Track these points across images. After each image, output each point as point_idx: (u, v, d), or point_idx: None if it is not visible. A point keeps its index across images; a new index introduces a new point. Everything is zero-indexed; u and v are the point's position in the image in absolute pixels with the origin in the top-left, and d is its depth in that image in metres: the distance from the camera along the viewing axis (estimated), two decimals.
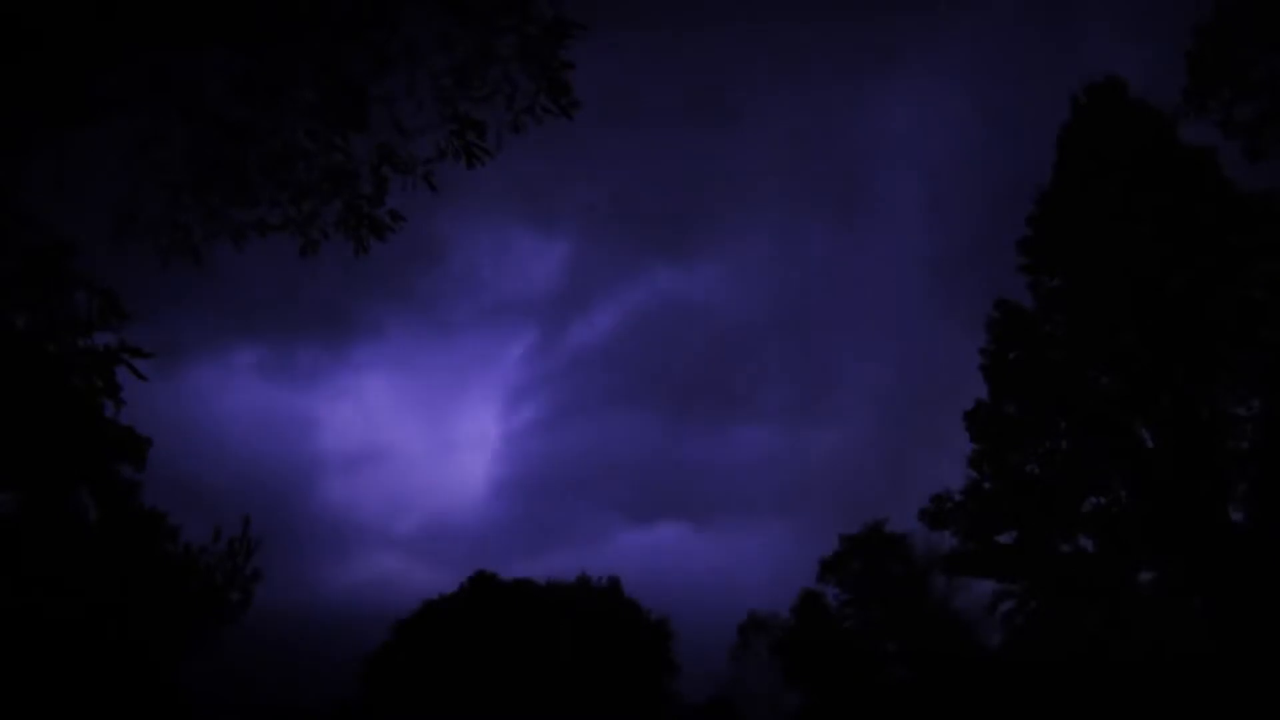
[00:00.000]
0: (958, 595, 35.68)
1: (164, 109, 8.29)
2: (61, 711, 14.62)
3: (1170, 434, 23.85)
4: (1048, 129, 26.58)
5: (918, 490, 28.16)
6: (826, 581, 39.98)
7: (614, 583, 46.14)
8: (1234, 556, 22.29)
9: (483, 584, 45.28)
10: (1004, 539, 25.74)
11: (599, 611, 44.38)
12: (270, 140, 8.48)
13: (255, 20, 8.14)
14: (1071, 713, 23.02)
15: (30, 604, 14.27)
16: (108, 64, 8.18)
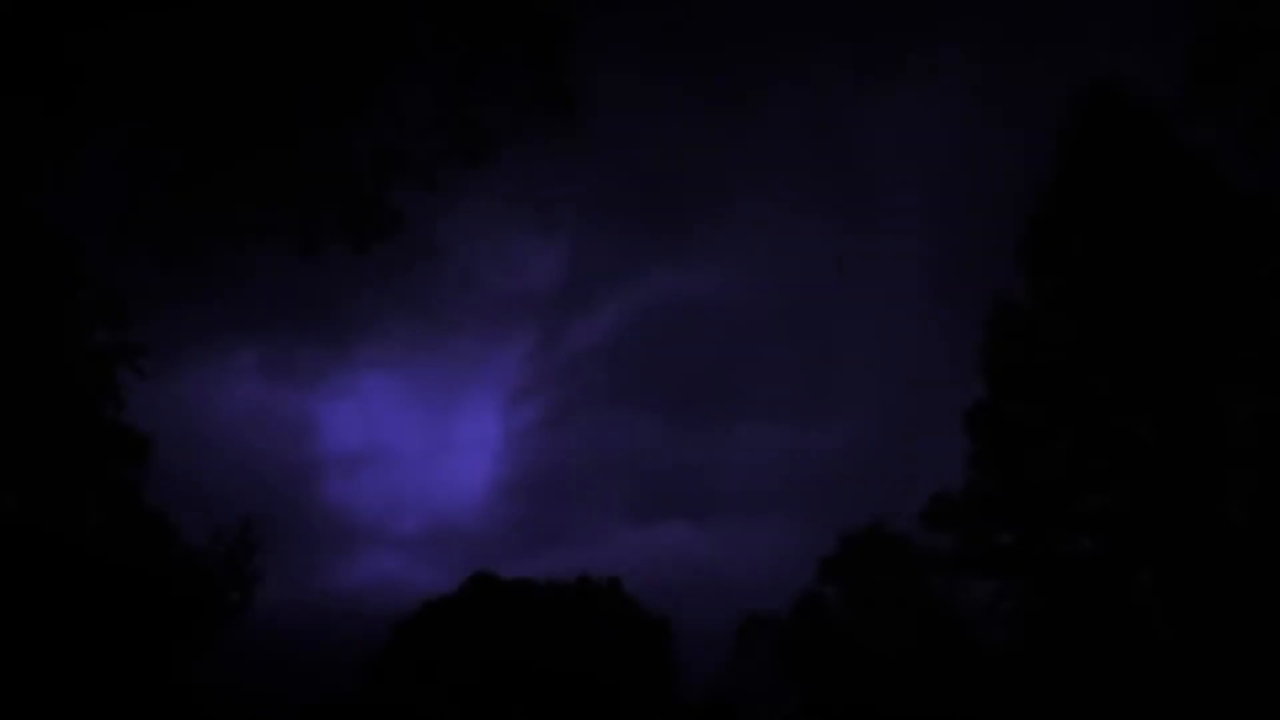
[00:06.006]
0: (958, 595, 35.65)
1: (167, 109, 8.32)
2: (67, 710, 14.63)
3: (1170, 433, 23.87)
4: (1048, 129, 26.56)
5: (918, 490, 28.08)
6: (826, 581, 39.97)
7: (614, 583, 46.14)
8: (1234, 556, 22.31)
9: (482, 584, 45.27)
10: (1004, 539, 25.75)
11: (599, 611, 44.38)
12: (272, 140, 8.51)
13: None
14: (1071, 713, 23.03)
15: (32, 604, 14.27)
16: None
